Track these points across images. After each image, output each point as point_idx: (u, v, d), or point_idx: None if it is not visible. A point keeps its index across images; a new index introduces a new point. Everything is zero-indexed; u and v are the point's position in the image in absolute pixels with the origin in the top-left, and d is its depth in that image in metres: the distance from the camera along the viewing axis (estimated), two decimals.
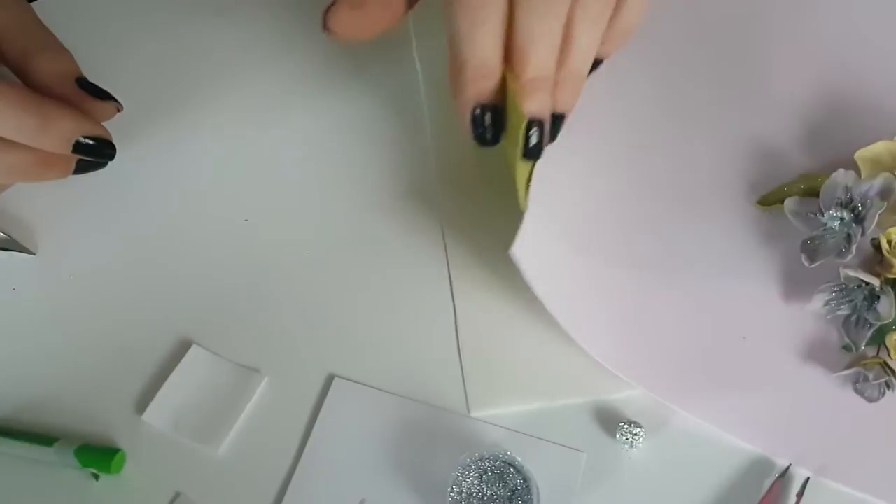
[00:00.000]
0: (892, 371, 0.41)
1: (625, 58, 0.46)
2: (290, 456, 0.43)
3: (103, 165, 0.46)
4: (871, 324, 0.41)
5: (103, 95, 0.46)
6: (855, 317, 0.42)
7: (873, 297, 0.41)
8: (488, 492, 0.40)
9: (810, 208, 0.43)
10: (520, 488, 0.40)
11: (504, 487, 0.40)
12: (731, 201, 0.46)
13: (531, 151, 0.40)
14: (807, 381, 0.42)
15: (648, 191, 0.47)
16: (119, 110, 0.47)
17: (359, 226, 0.49)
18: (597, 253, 0.45)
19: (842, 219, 0.42)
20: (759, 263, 0.45)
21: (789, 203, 0.44)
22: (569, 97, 0.40)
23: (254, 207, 0.50)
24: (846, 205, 0.42)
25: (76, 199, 0.51)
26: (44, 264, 0.49)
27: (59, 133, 0.43)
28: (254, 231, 0.49)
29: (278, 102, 0.53)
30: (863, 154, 0.44)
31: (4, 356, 0.47)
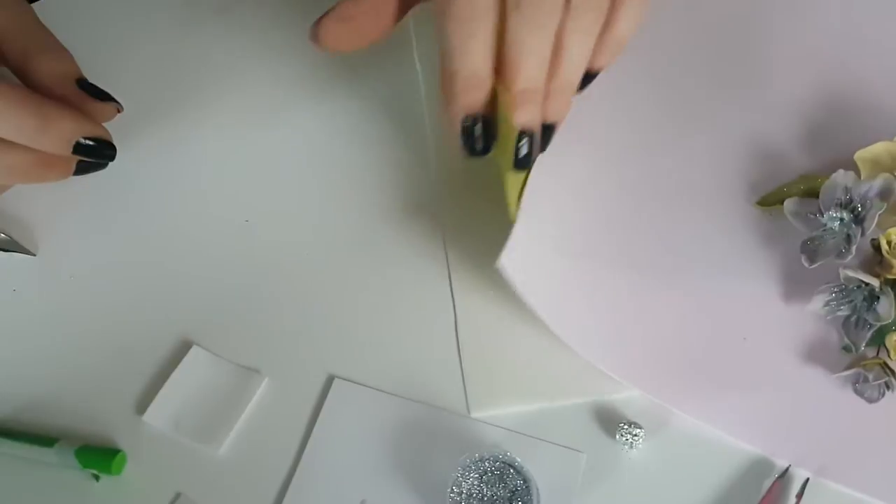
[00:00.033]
0: (892, 372, 0.41)
1: (625, 58, 0.46)
2: (290, 456, 0.43)
3: (104, 166, 0.46)
4: (871, 324, 0.41)
5: (103, 96, 0.46)
6: (855, 317, 0.42)
7: (873, 297, 0.41)
8: (488, 492, 0.40)
9: (810, 209, 0.43)
10: (520, 489, 0.40)
11: (504, 488, 0.40)
12: (730, 202, 0.46)
13: (521, 162, 0.40)
14: (807, 382, 0.42)
15: (648, 191, 0.47)
16: (119, 111, 0.47)
17: (359, 227, 0.49)
18: (595, 255, 0.45)
19: (841, 219, 0.42)
20: (758, 264, 0.45)
21: (789, 204, 0.44)
22: (560, 108, 0.40)
23: (254, 208, 0.50)
24: (846, 205, 0.42)
25: (76, 199, 0.51)
26: (44, 265, 0.49)
27: (60, 134, 0.43)
28: (254, 232, 0.49)
29: (278, 103, 0.53)
30: (862, 155, 0.44)
31: (5, 357, 0.47)
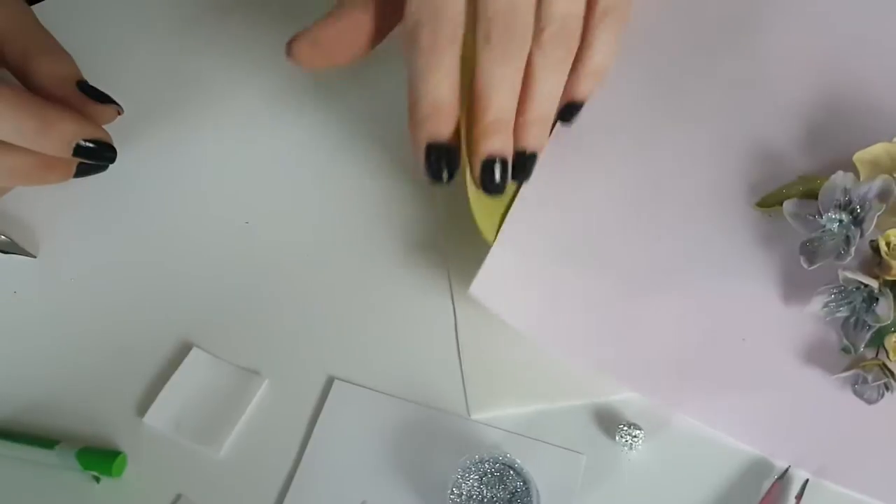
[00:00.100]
0: (891, 373, 0.41)
1: (623, 58, 0.46)
2: (290, 458, 0.43)
3: (104, 168, 0.46)
4: (870, 325, 0.41)
5: (104, 98, 0.46)
6: (854, 318, 0.42)
7: (872, 298, 0.41)
8: (488, 494, 0.40)
9: (809, 210, 0.43)
10: (519, 490, 0.40)
11: (504, 490, 0.40)
12: (729, 203, 0.46)
13: (492, 188, 0.41)
14: (806, 383, 0.42)
15: (646, 193, 0.47)
16: (119, 113, 0.47)
17: (359, 228, 0.49)
18: (590, 260, 0.45)
19: (840, 221, 0.42)
20: (758, 265, 0.45)
21: (788, 205, 0.44)
22: (538, 138, 0.42)
23: (254, 209, 0.50)
24: (845, 207, 0.42)
25: (77, 201, 0.51)
26: (45, 267, 0.49)
27: (60, 136, 0.43)
28: (254, 233, 0.49)
29: (279, 104, 0.53)
30: (861, 156, 0.44)
31: (6, 358, 0.47)
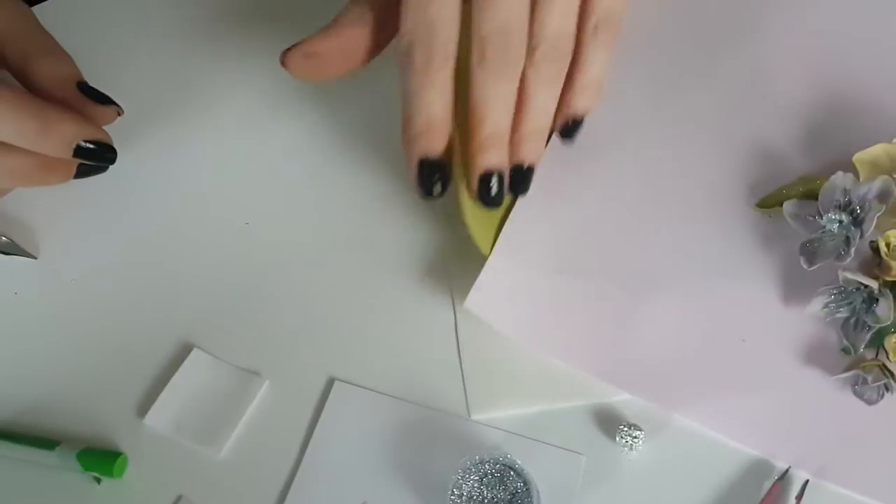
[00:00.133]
0: (891, 373, 0.41)
1: (623, 59, 0.46)
2: (291, 459, 0.43)
3: (104, 170, 0.46)
4: (870, 326, 0.41)
5: (104, 100, 0.46)
6: (854, 319, 0.42)
7: (872, 299, 0.41)
8: (489, 495, 0.40)
9: (809, 211, 0.43)
10: (520, 491, 0.40)
11: (504, 490, 0.40)
12: (729, 204, 0.46)
13: (489, 201, 0.41)
14: (806, 384, 0.42)
15: (645, 193, 0.47)
16: (120, 114, 0.47)
17: (359, 229, 0.49)
18: (590, 263, 0.45)
19: (840, 221, 0.42)
20: (758, 266, 0.45)
21: (788, 206, 0.44)
22: (534, 151, 0.42)
23: (254, 210, 0.50)
24: (845, 207, 0.42)
25: (77, 202, 0.51)
26: (45, 268, 0.49)
27: (60, 137, 0.43)
28: (254, 234, 0.49)
29: (279, 105, 0.53)
30: (861, 157, 0.44)
31: (6, 359, 0.47)
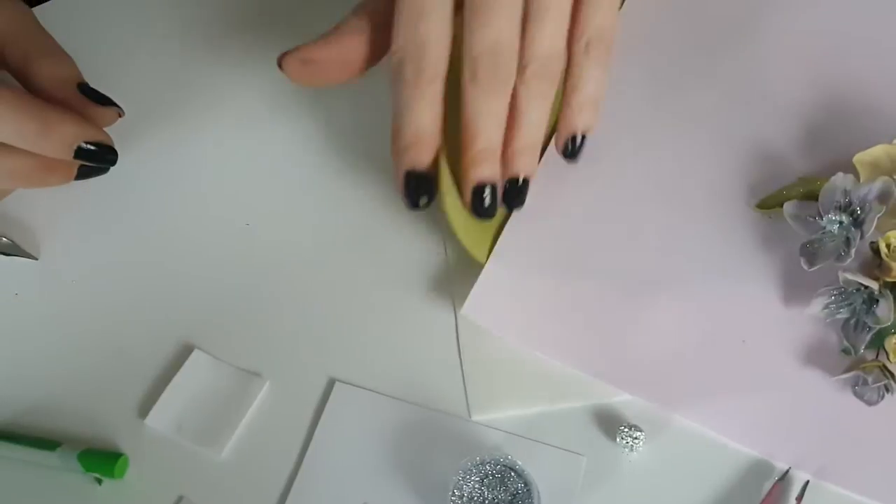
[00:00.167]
0: (891, 374, 0.41)
1: (623, 59, 0.46)
2: (292, 459, 0.43)
3: (105, 171, 0.46)
4: (870, 327, 0.41)
5: (105, 101, 0.46)
6: (854, 320, 0.42)
7: (872, 300, 0.41)
8: (489, 495, 0.40)
9: (809, 212, 0.43)
10: (521, 492, 0.40)
11: (505, 491, 0.40)
12: (729, 204, 0.46)
13: (482, 212, 0.42)
14: (806, 385, 0.42)
15: (645, 194, 0.47)
16: (120, 116, 0.47)
17: (359, 230, 0.49)
18: (589, 265, 0.45)
19: (841, 222, 0.42)
20: (758, 267, 0.45)
21: (788, 207, 0.44)
22: (529, 165, 0.43)
23: (255, 211, 0.50)
24: (845, 208, 0.42)
25: (78, 203, 0.51)
26: (46, 269, 0.49)
27: (61, 138, 0.43)
28: (255, 235, 0.49)
29: (279, 105, 0.53)
30: (861, 158, 0.44)
31: (8, 360, 0.47)
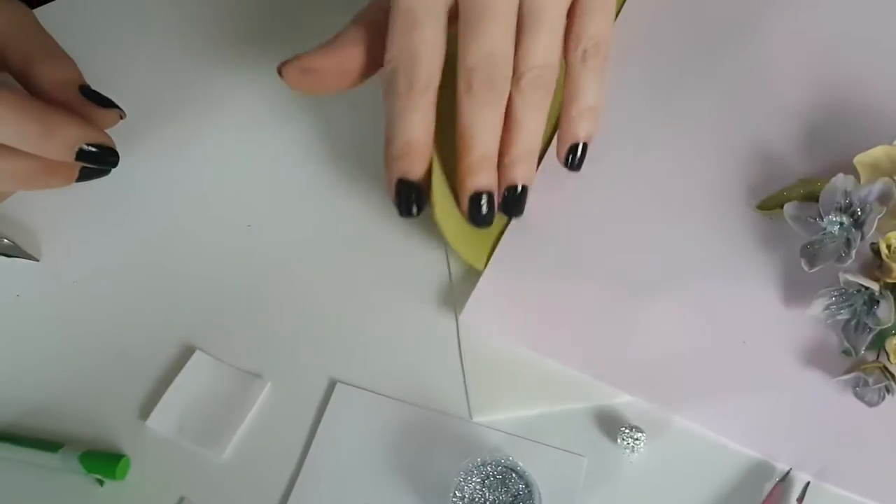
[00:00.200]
0: (892, 375, 0.41)
1: (624, 60, 0.46)
2: (293, 460, 0.43)
3: (107, 173, 0.46)
4: (871, 328, 0.41)
5: (106, 103, 0.46)
6: (854, 321, 0.42)
7: (873, 301, 0.41)
8: (490, 497, 0.40)
9: (810, 213, 0.43)
10: (522, 493, 0.40)
11: (506, 492, 0.40)
12: (730, 205, 0.46)
13: (480, 220, 0.43)
14: (807, 386, 0.42)
15: (645, 194, 0.47)
16: (122, 117, 0.47)
17: (361, 231, 0.49)
18: (589, 266, 0.45)
19: (841, 223, 0.42)
20: (758, 268, 0.45)
21: (789, 208, 0.44)
22: (527, 173, 0.43)
23: (256, 212, 0.50)
24: (845, 209, 0.42)
25: (79, 205, 0.51)
26: (47, 270, 0.49)
27: (63, 140, 0.43)
28: (256, 236, 0.50)
29: (280, 106, 0.53)
30: (862, 159, 0.44)
31: (9, 362, 0.47)
